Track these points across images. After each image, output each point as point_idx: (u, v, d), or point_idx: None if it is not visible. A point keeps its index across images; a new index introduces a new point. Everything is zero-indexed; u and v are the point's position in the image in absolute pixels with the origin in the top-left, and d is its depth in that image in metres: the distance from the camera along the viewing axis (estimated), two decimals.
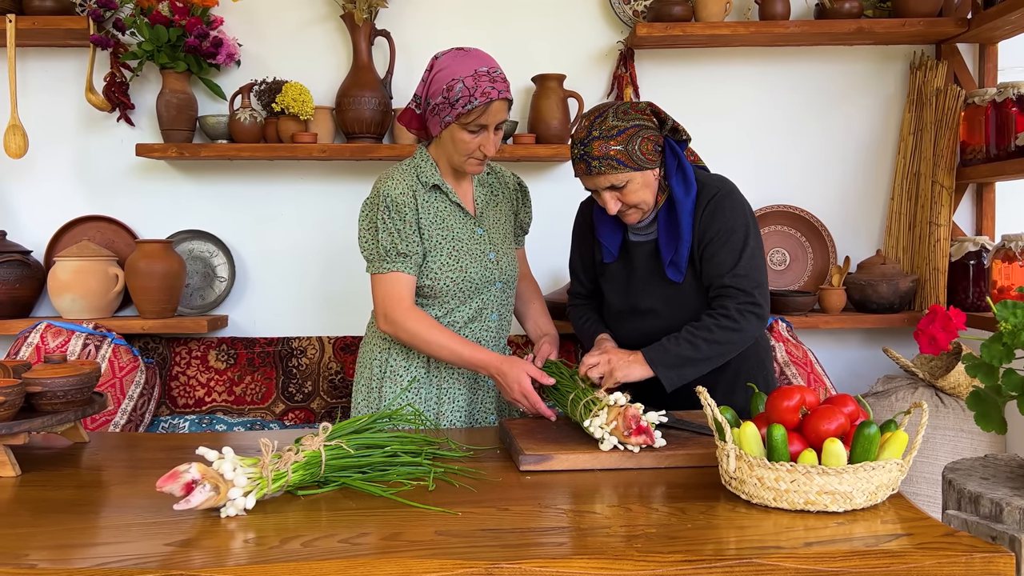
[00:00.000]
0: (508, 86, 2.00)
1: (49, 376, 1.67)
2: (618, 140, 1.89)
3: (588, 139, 1.90)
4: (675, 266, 2.01)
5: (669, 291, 2.04)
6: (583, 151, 1.91)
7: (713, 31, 2.94)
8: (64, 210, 3.09)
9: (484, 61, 1.98)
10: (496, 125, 2.00)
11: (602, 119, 1.91)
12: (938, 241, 3.02)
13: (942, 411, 2.73)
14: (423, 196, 2.06)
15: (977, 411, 1.55)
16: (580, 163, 1.93)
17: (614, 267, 2.12)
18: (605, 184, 1.93)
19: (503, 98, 1.97)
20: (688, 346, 1.92)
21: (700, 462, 1.61)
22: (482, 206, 2.16)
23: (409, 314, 2.02)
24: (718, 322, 1.93)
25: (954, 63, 3.10)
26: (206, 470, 1.33)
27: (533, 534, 1.28)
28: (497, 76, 1.98)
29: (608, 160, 1.89)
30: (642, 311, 2.07)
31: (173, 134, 2.95)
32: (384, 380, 2.12)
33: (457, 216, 2.10)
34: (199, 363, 3.01)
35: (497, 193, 2.22)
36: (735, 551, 1.20)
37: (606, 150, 1.88)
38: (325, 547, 1.22)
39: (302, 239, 3.16)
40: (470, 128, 1.97)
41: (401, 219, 2.01)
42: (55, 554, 1.21)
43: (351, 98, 2.93)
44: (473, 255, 2.09)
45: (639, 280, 2.08)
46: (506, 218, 2.23)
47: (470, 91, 1.93)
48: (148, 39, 2.87)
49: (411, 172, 2.08)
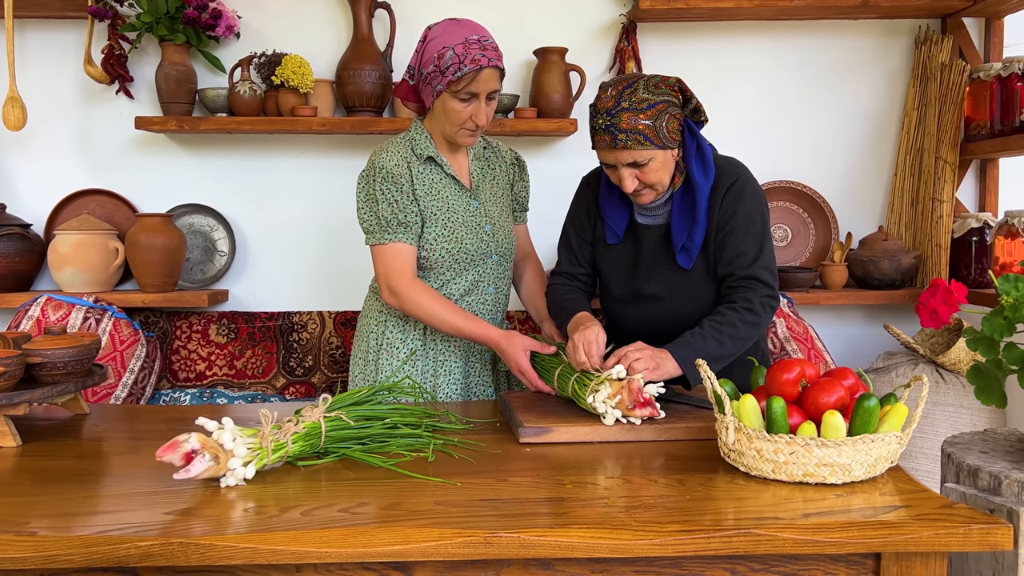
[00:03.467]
0: (500, 56, 1.98)
1: (49, 347, 1.67)
2: (647, 115, 1.80)
3: (616, 110, 1.80)
4: (686, 252, 1.94)
5: (676, 277, 1.98)
6: (610, 122, 1.81)
7: (717, 4, 2.91)
8: (64, 183, 3.08)
9: (475, 30, 1.97)
10: (488, 95, 1.98)
11: (632, 90, 1.81)
12: (941, 217, 3.00)
13: (942, 387, 2.74)
14: (418, 168, 2.06)
15: (977, 384, 1.55)
16: (604, 134, 1.82)
17: (618, 249, 2.05)
18: (627, 160, 1.83)
19: (493, 66, 1.95)
20: (715, 343, 1.82)
21: (699, 435, 1.62)
22: (478, 179, 2.16)
23: (412, 285, 2.02)
24: (743, 317, 1.85)
25: (959, 37, 3.07)
26: (206, 440, 1.34)
27: (532, 504, 1.28)
28: (488, 44, 1.96)
29: (635, 135, 1.79)
30: (645, 296, 2.01)
31: (172, 107, 2.93)
32: (381, 353, 2.12)
33: (452, 188, 2.09)
34: (200, 337, 3.02)
35: (494, 167, 2.22)
36: (733, 522, 1.21)
37: (635, 124, 1.79)
38: (325, 516, 1.22)
39: (302, 213, 3.15)
40: (461, 96, 1.96)
41: (398, 189, 2.01)
42: (56, 522, 1.22)
43: (351, 71, 2.91)
44: (469, 227, 2.08)
45: (645, 264, 2.00)
46: (503, 191, 2.22)
47: (460, 58, 1.92)
48: (147, 11, 2.84)
49: (406, 144, 2.08)
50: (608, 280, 2.08)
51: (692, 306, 1.97)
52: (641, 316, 2.03)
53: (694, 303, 1.97)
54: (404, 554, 1.17)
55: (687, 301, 1.98)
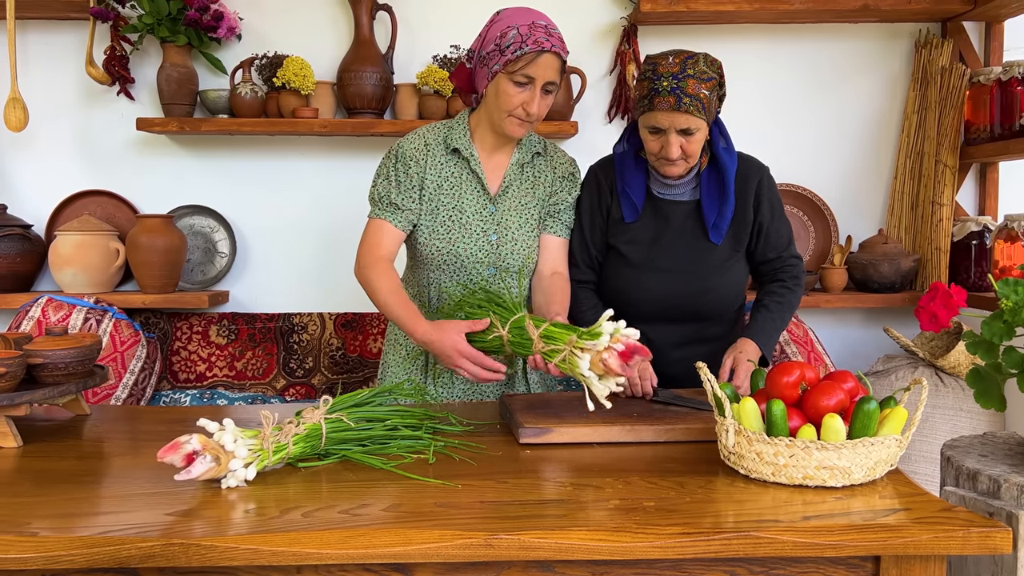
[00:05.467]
0: (564, 47, 1.93)
1: (50, 348, 1.67)
2: (707, 86, 1.87)
3: (683, 75, 1.85)
4: (717, 228, 2.03)
5: (697, 252, 2.04)
6: (676, 84, 1.85)
7: (717, 7, 2.92)
8: (65, 184, 3.08)
9: (544, 18, 1.94)
10: (545, 86, 1.91)
11: (694, 61, 1.87)
12: (940, 221, 3.01)
13: (942, 390, 2.74)
14: (439, 156, 2.00)
15: (977, 388, 1.56)
16: (669, 96, 1.85)
17: (636, 226, 2.07)
18: (683, 124, 1.87)
19: (555, 52, 1.89)
20: (781, 322, 2.06)
21: (699, 437, 1.62)
22: (510, 185, 2.04)
23: (376, 266, 1.96)
24: (795, 293, 2.10)
25: (960, 41, 3.08)
26: (207, 441, 1.34)
27: (532, 506, 1.28)
28: (554, 32, 1.92)
29: (697, 101, 1.86)
30: (662, 270, 2.05)
31: (174, 108, 2.94)
32: (389, 350, 2.14)
33: (470, 186, 2.01)
34: (200, 338, 3.02)
35: (539, 175, 2.08)
36: (733, 524, 1.21)
37: (698, 91, 1.86)
38: (325, 518, 1.23)
39: (303, 215, 3.15)
40: (516, 79, 1.88)
41: (405, 171, 1.98)
42: (57, 523, 1.22)
43: (352, 73, 2.91)
44: (469, 230, 2.00)
45: (667, 238, 2.05)
46: (537, 202, 2.07)
47: (523, 38, 1.87)
48: (148, 12, 2.85)
49: (441, 130, 2.04)
50: (626, 254, 2.08)
51: (713, 279, 2.05)
52: (660, 286, 2.06)
53: (715, 276, 2.06)
54: (405, 556, 1.17)
55: (704, 274, 2.05)
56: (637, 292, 2.07)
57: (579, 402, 1.81)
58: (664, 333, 2.06)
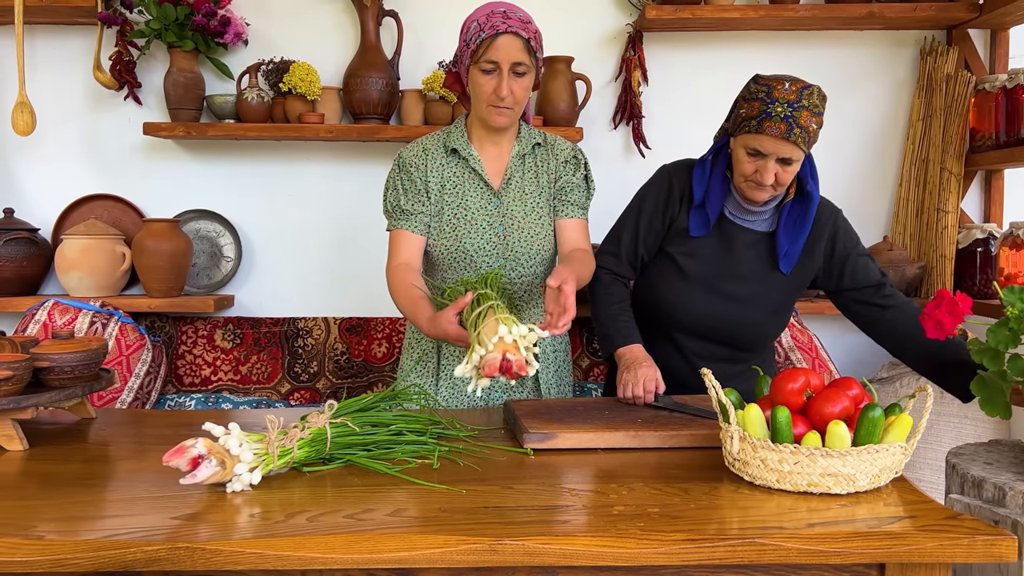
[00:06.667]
0: (526, 26, 1.92)
1: (57, 351, 1.68)
2: (816, 120, 1.86)
3: (798, 104, 1.84)
4: (788, 258, 2.00)
5: (758, 283, 2.03)
6: (791, 112, 1.83)
7: (723, 14, 2.92)
8: (71, 188, 3.09)
9: (506, 5, 1.95)
10: (513, 68, 1.91)
11: (810, 92, 1.86)
12: (945, 228, 3.01)
13: (946, 398, 2.73)
14: (440, 159, 2.05)
15: (982, 396, 1.55)
16: (780, 123, 1.83)
17: (702, 242, 2.04)
18: (786, 154, 1.86)
19: (512, 32, 1.89)
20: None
21: (704, 443, 1.62)
22: (512, 178, 2.05)
23: (395, 272, 1.99)
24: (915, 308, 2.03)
25: (965, 49, 3.08)
26: (212, 445, 1.34)
27: (537, 512, 1.28)
28: (513, 15, 1.92)
29: (806, 134, 1.84)
30: (716, 292, 2.03)
31: (180, 113, 2.95)
32: (404, 353, 2.17)
33: (473, 183, 2.04)
34: (205, 342, 3.03)
35: (541, 164, 2.09)
36: (738, 531, 1.21)
37: (809, 123, 1.85)
38: (330, 522, 1.23)
39: (308, 220, 3.16)
40: (483, 67, 1.91)
41: (408, 178, 2.03)
42: (63, 526, 1.22)
43: (359, 79, 2.92)
44: (474, 225, 2.02)
45: (732, 264, 2.03)
46: (542, 191, 2.07)
47: (480, 26, 1.91)
48: (156, 17, 2.86)
49: (440, 136, 2.09)
50: (683, 266, 2.05)
51: (763, 313, 2.04)
52: (709, 306, 2.03)
53: (765, 311, 2.04)
54: (409, 560, 1.17)
55: (760, 306, 2.04)
56: (684, 305, 2.05)
57: (584, 408, 1.81)
58: (697, 346, 2.06)
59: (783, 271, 2.01)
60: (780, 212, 2.01)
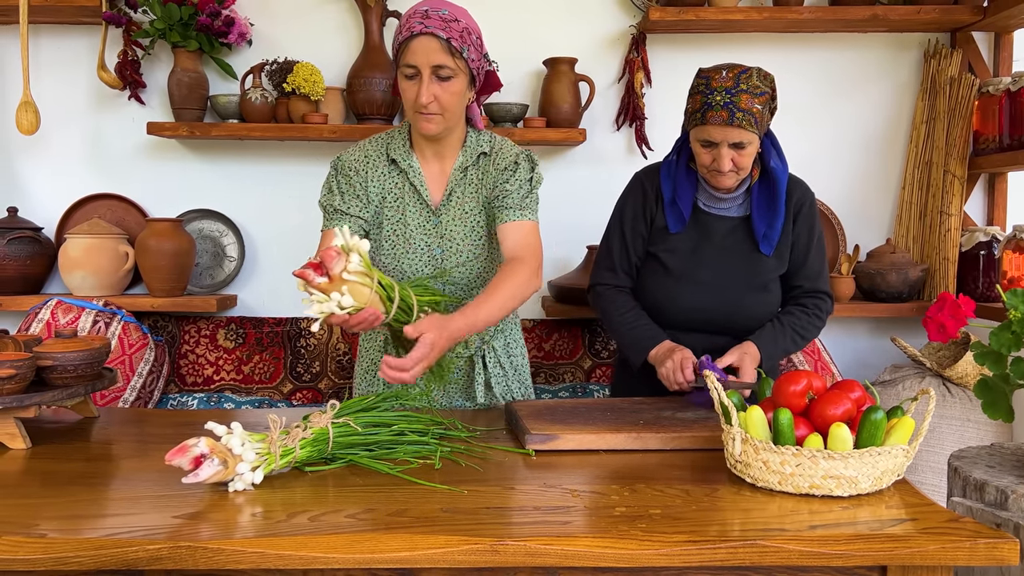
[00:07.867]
0: (448, 25, 1.76)
1: (60, 350, 1.68)
2: (759, 100, 1.88)
3: (736, 89, 1.87)
4: (768, 240, 2.03)
5: (741, 266, 2.04)
6: (729, 99, 1.87)
7: (726, 16, 2.92)
8: (75, 188, 3.10)
9: (429, 3, 1.80)
10: (435, 71, 1.77)
11: (747, 75, 1.89)
12: (949, 231, 3.00)
13: (949, 401, 2.73)
14: (381, 167, 1.95)
15: (985, 399, 1.55)
16: (722, 110, 1.87)
17: (680, 237, 2.07)
18: (735, 139, 1.89)
19: (428, 32, 1.74)
20: (792, 344, 2.03)
21: (706, 445, 1.62)
22: (452, 192, 1.94)
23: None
24: (815, 323, 2.06)
25: (969, 51, 3.08)
26: (215, 444, 1.35)
27: (538, 512, 1.29)
28: (435, 14, 1.76)
29: (750, 116, 1.87)
30: (700, 282, 2.05)
31: (184, 113, 2.96)
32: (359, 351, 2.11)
33: (413, 198, 1.94)
34: (208, 342, 3.03)
35: (483, 176, 1.96)
36: (739, 533, 1.21)
37: (751, 105, 1.87)
38: (332, 522, 1.23)
39: (311, 220, 3.14)
40: (404, 72, 1.79)
41: (346, 181, 1.94)
42: (65, 524, 1.22)
43: (362, 79, 2.92)
44: (412, 245, 1.93)
45: (707, 251, 2.05)
46: (481, 208, 1.95)
47: (399, 30, 1.80)
48: (160, 17, 2.87)
49: (382, 141, 1.98)
50: (666, 263, 2.08)
51: (750, 295, 2.05)
52: (696, 297, 2.05)
53: (752, 292, 2.05)
54: (410, 560, 1.17)
55: (745, 289, 2.05)
56: (672, 301, 2.07)
57: (586, 409, 1.81)
58: (696, 342, 2.06)
59: (764, 253, 2.04)
60: (751, 195, 2.05)
